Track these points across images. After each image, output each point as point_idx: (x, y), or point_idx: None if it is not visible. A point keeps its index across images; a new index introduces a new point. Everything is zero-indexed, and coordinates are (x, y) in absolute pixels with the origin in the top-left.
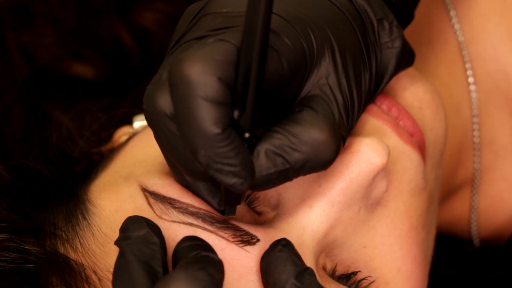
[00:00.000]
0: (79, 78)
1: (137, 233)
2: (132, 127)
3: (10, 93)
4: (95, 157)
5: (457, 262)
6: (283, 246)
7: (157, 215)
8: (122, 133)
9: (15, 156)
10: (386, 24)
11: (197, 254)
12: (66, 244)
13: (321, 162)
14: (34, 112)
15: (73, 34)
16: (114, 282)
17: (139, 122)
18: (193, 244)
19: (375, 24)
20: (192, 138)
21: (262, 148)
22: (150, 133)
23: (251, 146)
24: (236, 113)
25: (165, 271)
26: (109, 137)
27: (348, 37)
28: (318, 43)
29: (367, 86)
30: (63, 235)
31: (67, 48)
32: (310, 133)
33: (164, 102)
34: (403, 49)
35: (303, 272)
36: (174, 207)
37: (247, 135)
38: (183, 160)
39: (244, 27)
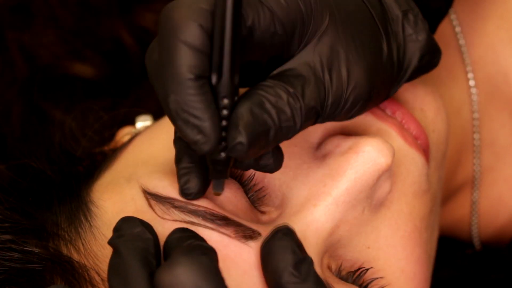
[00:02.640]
0: (79, 77)
1: (130, 231)
2: (135, 127)
3: (10, 92)
4: (98, 156)
5: (458, 264)
6: (284, 234)
7: (159, 216)
8: (124, 133)
9: (16, 156)
10: (411, 17)
11: (191, 242)
12: (69, 245)
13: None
14: (34, 112)
15: (73, 33)
16: (110, 278)
17: (142, 123)
18: (185, 235)
19: (400, 15)
20: (166, 80)
21: (244, 106)
22: (152, 133)
23: (229, 113)
24: (214, 79)
25: (159, 264)
26: (111, 136)
27: (360, 18)
28: (317, 7)
29: (390, 70)
30: (66, 236)
31: (67, 48)
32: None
33: None
34: (427, 43)
35: (302, 261)
36: (175, 207)
37: (225, 101)
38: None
39: None
